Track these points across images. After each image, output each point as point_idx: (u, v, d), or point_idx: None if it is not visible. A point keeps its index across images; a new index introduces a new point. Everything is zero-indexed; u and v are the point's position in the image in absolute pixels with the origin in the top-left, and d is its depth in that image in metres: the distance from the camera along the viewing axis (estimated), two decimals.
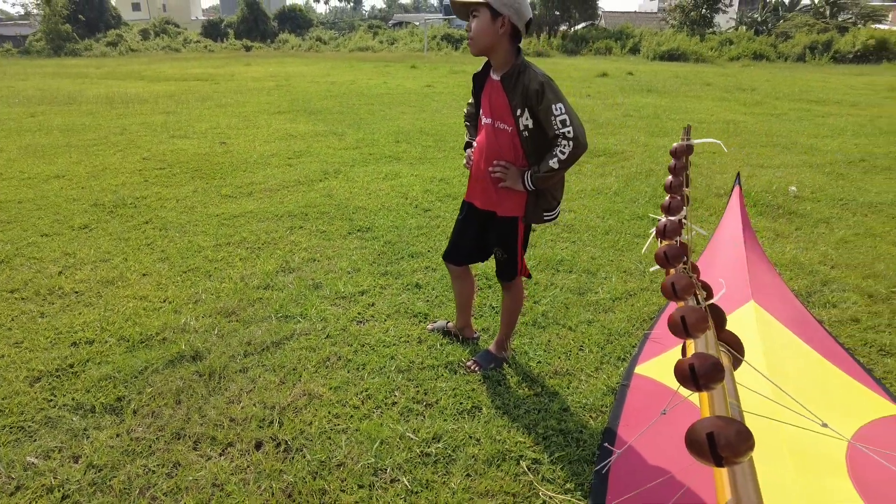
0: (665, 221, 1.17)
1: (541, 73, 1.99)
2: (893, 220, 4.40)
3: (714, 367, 1.01)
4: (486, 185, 2.17)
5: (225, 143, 7.08)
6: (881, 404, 2.16)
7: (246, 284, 3.22)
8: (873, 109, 10.12)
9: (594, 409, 2.18)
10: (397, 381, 2.34)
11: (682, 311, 1.08)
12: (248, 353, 2.55)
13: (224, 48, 32.78)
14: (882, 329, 2.82)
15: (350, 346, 2.59)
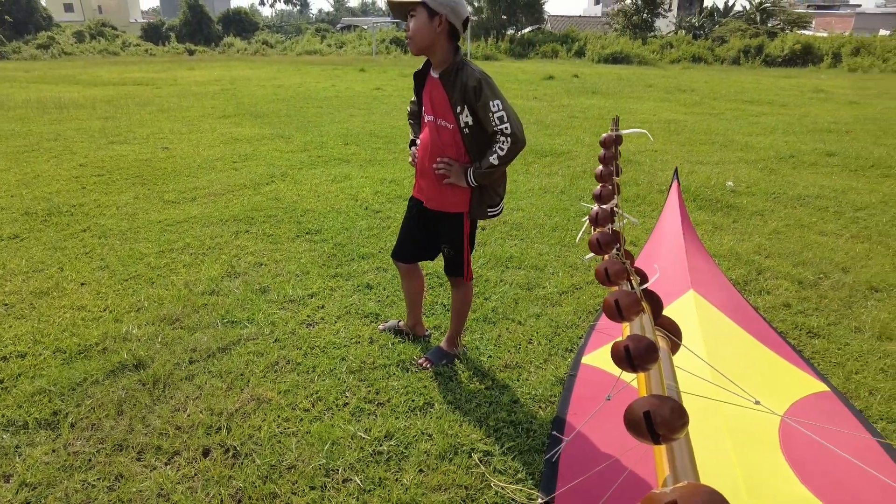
0: (597, 209, 1.21)
1: (478, 70, 2.03)
2: (819, 211, 4.66)
3: (648, 348, 1.05)
4: (431, 181, 2.19)
5: (167, 148, 6.87)
6: (810, 382, 2.29)
7: (190, 291, 3.13)
8: (800, 109, 10.68)
9: (543, 400, 2.22)
10: (348, 382, 2.32)
11: (616, 295, 1.12)
12: (194, 360, 2.48)
13: (166, 52, 31.75)
14: (810, 313, 2.98)
15: (299, 350, 2.56)
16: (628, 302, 1.09)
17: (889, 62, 21.17)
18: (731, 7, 33.26)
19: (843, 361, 2.55)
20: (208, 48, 33.41)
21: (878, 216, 4.54)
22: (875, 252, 3.81)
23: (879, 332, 2.78)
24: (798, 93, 13.55)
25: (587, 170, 5.84)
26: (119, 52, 30.83)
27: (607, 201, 1.24)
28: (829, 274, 3.45)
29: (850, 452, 1.95)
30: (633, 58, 24.75)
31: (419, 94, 2.21)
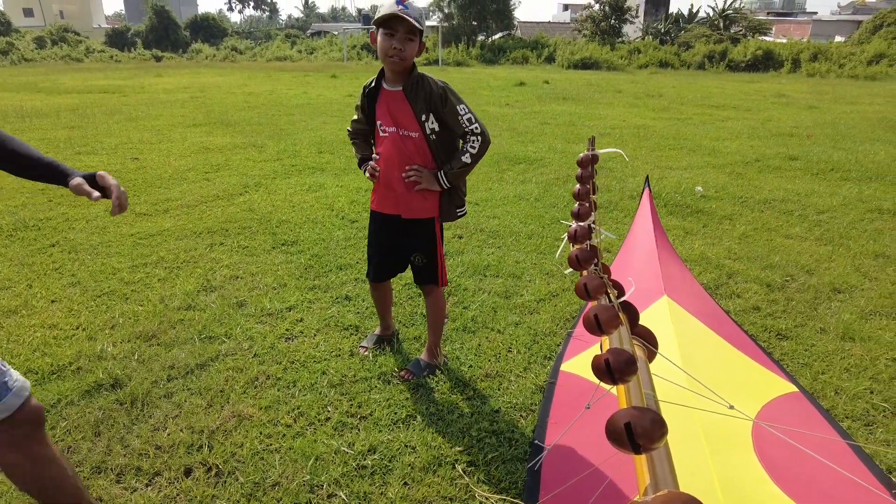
0: (575, 227, 1.24)
1: (438, 80, 2.16)
2: (785, 215, 4.81)
3: (628, 362, 1.09)
4: (398, 192, 2.24)
5: (137, 158, 6.76)
6: (780, 384, 2.37)
7: (166, 306, 3.09)
8: (764, 114, 11.01)
9: (524, 409, 2.25)
10: (330, 397, 2.32)
11: (596, 310, 1.16)
12: (172, 378, 2.45)
13: (132, 58, 31.15)
14: (779, 315, 3.08)
15: (279, 364, 2.55)
16: (607, 317, 1.12)
17: (845, 68, 21.94)
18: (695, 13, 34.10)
19: (810, 362, 2.64)
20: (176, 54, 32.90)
21: (839, 219, 4.71)
22: (837, 254, 3.95)
23: (843, 333, 2.89)
24: (761, 97, 13.96)
25: (560, 177, 5.93)
26: (83, 58, 30.16)
27: (585, 219, 1.28)
28: (795, 276, 3.57)
29: (819, 452, 2.03)
30: (602, 63, 25.16)
31: (372, 110, 2.24)
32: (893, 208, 4.96)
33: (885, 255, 3.96)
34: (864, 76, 20.49)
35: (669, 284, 2.75)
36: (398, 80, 2.15)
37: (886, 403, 2.34)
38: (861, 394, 2.39)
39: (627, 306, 1.55)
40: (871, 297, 3.30)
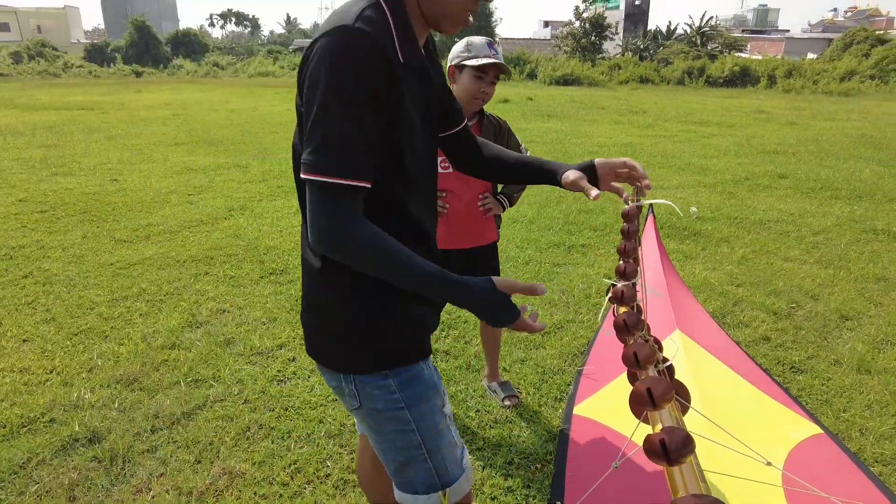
0: (622, 288, 1.12)
1: (493, 115, 2.27)
2: (781, 236, 4.76)
3: (685, 441, 0.96)
4: (467, 224, 2.22)
5: (117, 180, 6.53)
6: (804, 425, 2.26)
7: (148, 345, 2.90)
8: (747, 130, 11.10)
9: (539, 460, 2.11)
10: (328, 449, 2.15)
11: (648, 384, 1.03)
12: (156, 429, 2.26)
13: (112, 73, 30.70)
14: (789, 346, 2.99)
15: (272, 412, 2.37)
16: (661, 391, 1.00)
17: (819, 84, 22.38)
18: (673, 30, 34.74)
19: (829, 399, 2.54)
20: (156, 70, 32.53)
21: (836, 240, 4.67)
22: (839, 278, 3.89)
23: (858, 365, 2.80)
24: (742, 113, 14.11)
25: (552, 197, 5.83)
26: (60, 73, 29.66)
27: (632, 277, 1.15)
28: (800, 303, 3.49)
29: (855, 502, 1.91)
30: (583, 79, 25.39)
31: None
32: (887, 228, 4.94)
33: (885, 278, 3.90)
34: (837, 92, 20.90)
35: (681, 317, 2.64)
36: (468, 117, 2.15)
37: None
38: (887, 434, 2.29)
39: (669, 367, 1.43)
40: (880, 325, 3.22)
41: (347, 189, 0.94)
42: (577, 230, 4.81)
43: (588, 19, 31.76)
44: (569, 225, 4.93)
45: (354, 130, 0.93)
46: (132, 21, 36.27)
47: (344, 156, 0.93)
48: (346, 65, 0.92)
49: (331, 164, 0.93)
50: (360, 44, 0.93)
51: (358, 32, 0.92)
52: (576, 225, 4.93)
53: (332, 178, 0.93)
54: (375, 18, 0.96)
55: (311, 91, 0.94)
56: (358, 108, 0.93)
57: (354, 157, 0.94)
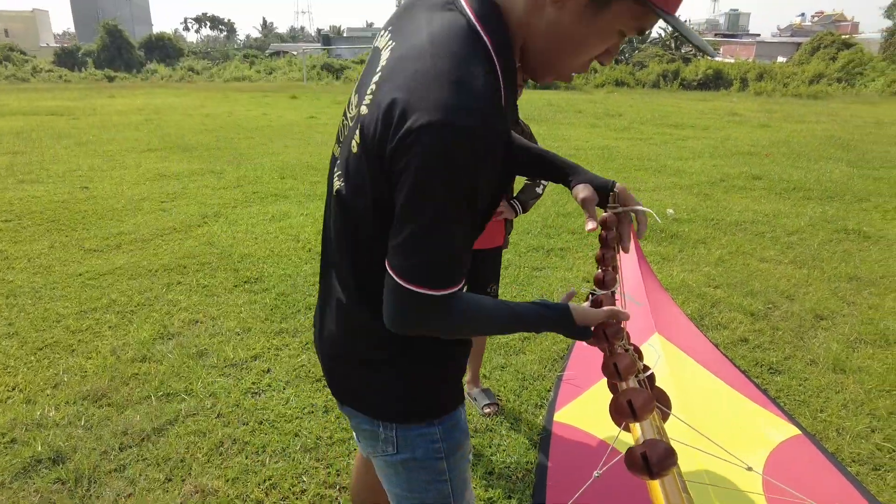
0: (600, 297, 1.09)
1: None
2: (757, 237, 4.81)
3: (667, 453, 0.94)
4: None
5: (87, 187, 6.37)
6: (782, 426, 2.26)
7: (118, 358, 2.81)
8: (721, 132, 11.26)
9: (520, 468, 2.08)
10: (304, 463, 2.10)
11: (629, 395, 1.01)
12: (125, 446, 2.18)
13: (83, 78, 30.10)
14: (767, 347, 3.01)
15: (246, 426, 2.31)
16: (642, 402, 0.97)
17: (789, 87, 22.85)
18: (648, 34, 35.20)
19: (806, 399, 2.55)
20: (130, 75, 31.99)
21: (809, 240, 4.74)
22: (813, 278, 3.94)
23: (833, 365, 2.83)
24: (716, 116, 14.33)
25: None
26: (29, 77, 28.99)
27: (611, 286, 1.13)
28: (776, 304, 3.52)
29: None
30: (559, 83, 25.57)
31: None
32: (857, 228, 5.02)
33: (857, 277, 3.97)
34: (806, 95, 21.36)
35: (660, 321, 2.64)
36: None
37: (890, 443, 2.25)
38: (863, 433, 2.31)
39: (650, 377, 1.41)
40: (853, 324, 3.26)
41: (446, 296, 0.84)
42: (556, 233, 4.81)
43: None
44: (547, 228, 4.93)
45: (462, 241, 0.83)
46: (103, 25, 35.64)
47: (448, 271, 0.83)
48: (466, 172, 0.77)
49: (432, 280, 0.82)
50: (485, 146, 0.77)
51: (483, 131, 0.76)
52: (554, 228, 4.93)
53: (433, 290, 0.82)
54: (491, 87, 0.79)
55: (417, 191, 0.77)
56: (470, 216, 0.82)
57: (458, 268, 0.84)
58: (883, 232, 4.91)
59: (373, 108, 0.82)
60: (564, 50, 0.85)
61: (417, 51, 0.81)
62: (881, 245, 4.59)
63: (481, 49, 0.80)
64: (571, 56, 0.86)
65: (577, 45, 0.84)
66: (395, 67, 0.82)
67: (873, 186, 6.57)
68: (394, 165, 0.79)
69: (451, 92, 0.75)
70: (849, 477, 2.03)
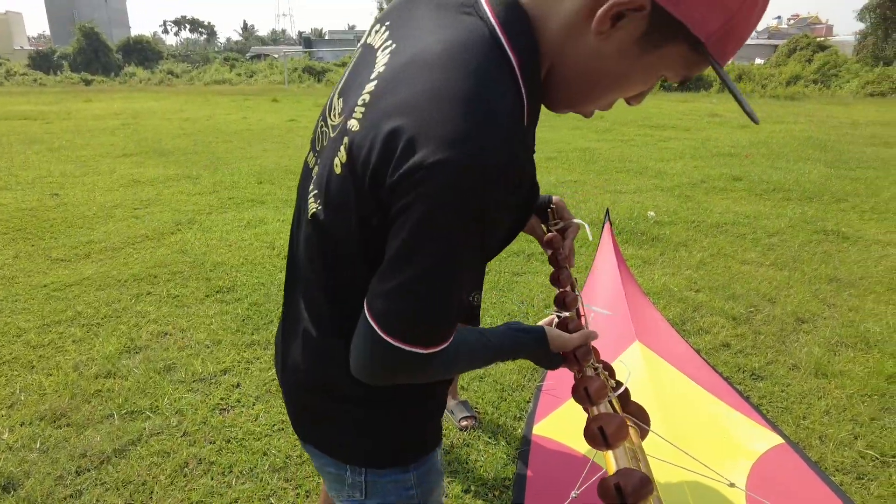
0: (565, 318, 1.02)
1: None
2: (738, 239, 4.80)
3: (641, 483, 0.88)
4: None
5: (57, 194, 6.19)
6: (765, 435, 2.22)
7: (80, 374, 2.69)
8: (702, 133, 11.33)
9: (497, 486, 2.00)
10: (273, 484, 2.00)
11: (600, 422, 0.94)
12: (82, 470, 2.07)
13: (59, 82, 29.61)
14: (749, 352, 2.97)
15: (212, 445, 2.21)
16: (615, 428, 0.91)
17: (767, 88, 23.15)
18: None
19: (789, 406, 2.51)
20: (107, 78, 31.50)
21: (790, 241, 4.73)
22: (794, 280, 3.93)
23: (815, 369, 2.80)
24: (697, 117, 14.43)
25: None
26: (3, 81, 28.45)
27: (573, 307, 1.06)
28: (758, 307, 3.49)
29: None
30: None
31: None
32: (836, 229, 5.04)
33: (837, 278, 3.96)
34: (784, 96, 21.64)
35: (640, 327, 2.58)
36: None
37: (872, 450, 2.22)
38: (846, 440, 2.27)
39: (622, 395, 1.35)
40: (834, 327, 3.24)
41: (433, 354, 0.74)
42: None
43: None
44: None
45: (467, 290, 0.74)
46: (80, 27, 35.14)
47: (444, 328, 0.72)
48: (486, 216, 0.66)
49: (422, 337, 0.71)
50: (512, 186, 0.66)
51: (511, 170, 0.65)
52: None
53: (420, 349, 0.71)
54: (517, 115, 0.68)
55: (424, 233, 0.65)
56: (472, 260, 0.71)
57: (455, 321, 0.73)
58: (861, 232, 4.93)
59: (368, 128, 0.69)
60: (598, 85, 0.73)
61: (427, 61, 0.67)
62: (859, 246, 4.60)
63: (507, 67, 0.67)
64: (603, 93, 0.75)
65: (612, 82, 0.72)
66: (398, 79, 0.69)
67: (850, 187, 6.62)
68: (394, 200, 0.66)
69: (472, 122, 0.62)
70: (833, 487, 1.99)
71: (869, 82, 21.88)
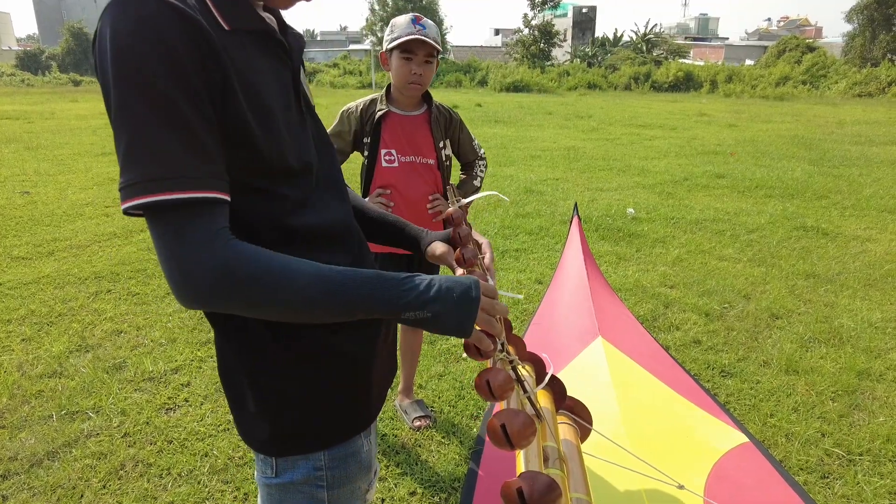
0: None
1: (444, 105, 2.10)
2: (717, 235, 4.74)
3: (547, 489, 0.80)
4: (424, 225, 1.98)
5: (28, 192, 6.06)
6: (729, 434, 2.14)
7: (24, 374, 2.58)
8: (688, 132, 11.30)
9: (445, 489, 1.91)
10: (210, 486, 1.91)
11: (503, 419, 0.86)
12: (11, 474, 1.97)
13: (46, 82, 29.36)
14: (720, 349, 2.89)
15: (153, 445, 2.11)
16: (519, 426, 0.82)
17: (757, 88, 23.23)
18: (620, 37, 35.57)
19: (756, 403, 2.44)
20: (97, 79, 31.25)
21: (769, 237, 4.68)
22: (771, 276, 3.86)
23: (786, 366, 2.72)
24: (684, 116, 14.43)
25: (491, 202, 5.70)
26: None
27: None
28: (733, 303, 3.42)
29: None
30: (532, 86, 25.63)
31: (376, 137, 1.97)
32: (816, 225, 4.99)
33: (814, 274, 3.90)
34: (773, 96, 21.71)
35: (604, 323, 2.50)
36: (414, 105, 2.02)
37: (839, 448, 2.14)
38: (813, 438, 2.20)
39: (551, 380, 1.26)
40: (808, 323, 3.17)
41: (189, 205, 0.67)
42: (513, 234, 4.68)
43: (536, 27, 32.18)
44: (505, 230, 4.79)
45: (169, 128, 0.67)
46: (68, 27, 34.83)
47: (166, 163, 0.66)
48: (140, 42, 0.66)
49: (153, 179, 0.66)
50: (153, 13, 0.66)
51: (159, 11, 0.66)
52: (511, 229, 4.79)
53: (161, 194, 0.65)
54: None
55: (104, 90, 0.68)
56: (166, 98, 0.66)
57: (181, 163, 0.67)
58: (840, 229, 4.88)
59: None
60: None
61: None
62: (838, 242, 4.55)
63: None
64: None
65: None
66: None
67: (833, 184, 6.58)
68: None
69: None
70: (795, 487, 1.91)
71: (856, 83, 21.99)
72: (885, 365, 2.72)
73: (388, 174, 2.00)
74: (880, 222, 5.09)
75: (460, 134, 2.11)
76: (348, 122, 1.99)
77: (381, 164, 2.00)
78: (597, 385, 2.27)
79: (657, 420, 2.11)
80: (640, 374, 2.33)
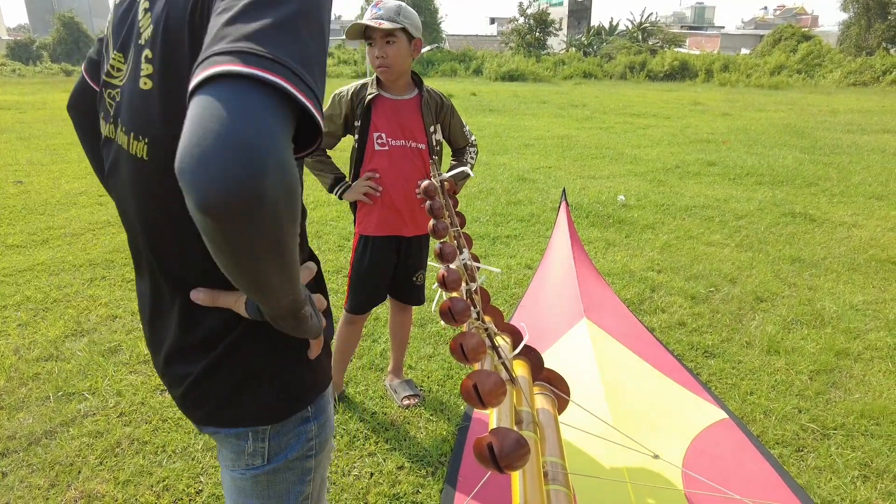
0: (444, 271, 0.98)
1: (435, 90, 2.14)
2: (706, 221, 4.80)
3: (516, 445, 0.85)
4: (401, 209, 2.07)
5: (21, 182, 6.07)
6: (710, 411, 2.21)
7: (20, 358, 2.63)
8: (682, 121, 11.34)
9: (433, 463, 1.97)
10: (204, 463, 1.96)
11: (475, 378, 0.91)
12: (9, 452, 2.02)
13: (38, 72, 29.08)
14: (704, 331, 2.96)
15: (148, 424, 2.16)
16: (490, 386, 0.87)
17: (752, 77, 23.22)
18: (615, 26, 35.43)
19: (737, 382, 2.50)
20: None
21: (757, 224, 4.74)
22: (757, 260, 3.93)
23: (768, 347, 2.79)
24: (679, 105, 14.45)
25: (483, 189, 5.74)
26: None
27: (452, 259, 1.02)
28: (718, 287, 3.49)
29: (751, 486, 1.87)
30: (528, 75, 25.57)
31: (366, 121, 1.99)
32: (804, 211, 5.05)
33: (800, 259, 3.96)
34: (768, 86, 21.72)
35: (589, 305, 2.56)
36: (403, 89, 2.04)
37: (815, 423, 2.21)
38: (790, 414, 2.27)
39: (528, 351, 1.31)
40: (791, 306, 3.24)
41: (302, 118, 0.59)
42: (504, 221, 4.73)
43: (532, 16, 32.05)
44: (496, 217, 4.84)
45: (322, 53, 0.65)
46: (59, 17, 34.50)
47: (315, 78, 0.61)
48: None
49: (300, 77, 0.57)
50: None
51: None
52: (503, 216, 4.84)
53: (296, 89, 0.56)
54: None
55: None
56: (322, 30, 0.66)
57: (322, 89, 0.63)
58: (828, 215, 4.95)
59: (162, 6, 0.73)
60: None
61: None
62: (825, 227, 4.62)
63: None
64: None
65: None
66: None
67: (822, 171, 6.64)
68: None
69: None
70: (770, 460, 1.98)
71: (851, 72, 22.01)
72: (864, 345, 2.80)
73: (379, 157, 2.03)
74: (867, 209, 5.16)
75: (451, 119, 2.13)
76: (339, 105, 2.02)
77: (372, 148, 2.03)
78: (581, 364, 2.33)
79: (639, 397, 2.17)
80: (624, 354, 2.39)
